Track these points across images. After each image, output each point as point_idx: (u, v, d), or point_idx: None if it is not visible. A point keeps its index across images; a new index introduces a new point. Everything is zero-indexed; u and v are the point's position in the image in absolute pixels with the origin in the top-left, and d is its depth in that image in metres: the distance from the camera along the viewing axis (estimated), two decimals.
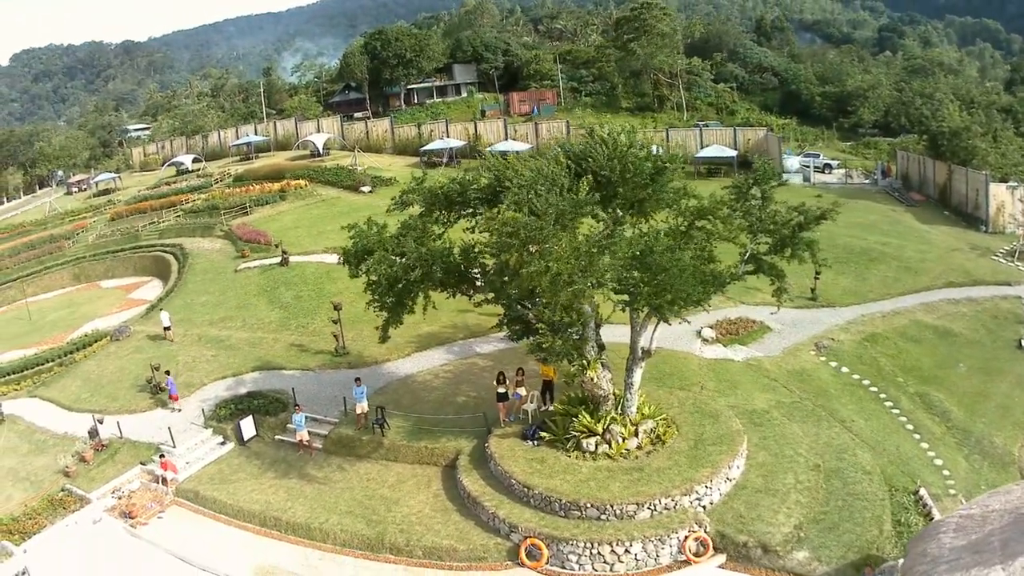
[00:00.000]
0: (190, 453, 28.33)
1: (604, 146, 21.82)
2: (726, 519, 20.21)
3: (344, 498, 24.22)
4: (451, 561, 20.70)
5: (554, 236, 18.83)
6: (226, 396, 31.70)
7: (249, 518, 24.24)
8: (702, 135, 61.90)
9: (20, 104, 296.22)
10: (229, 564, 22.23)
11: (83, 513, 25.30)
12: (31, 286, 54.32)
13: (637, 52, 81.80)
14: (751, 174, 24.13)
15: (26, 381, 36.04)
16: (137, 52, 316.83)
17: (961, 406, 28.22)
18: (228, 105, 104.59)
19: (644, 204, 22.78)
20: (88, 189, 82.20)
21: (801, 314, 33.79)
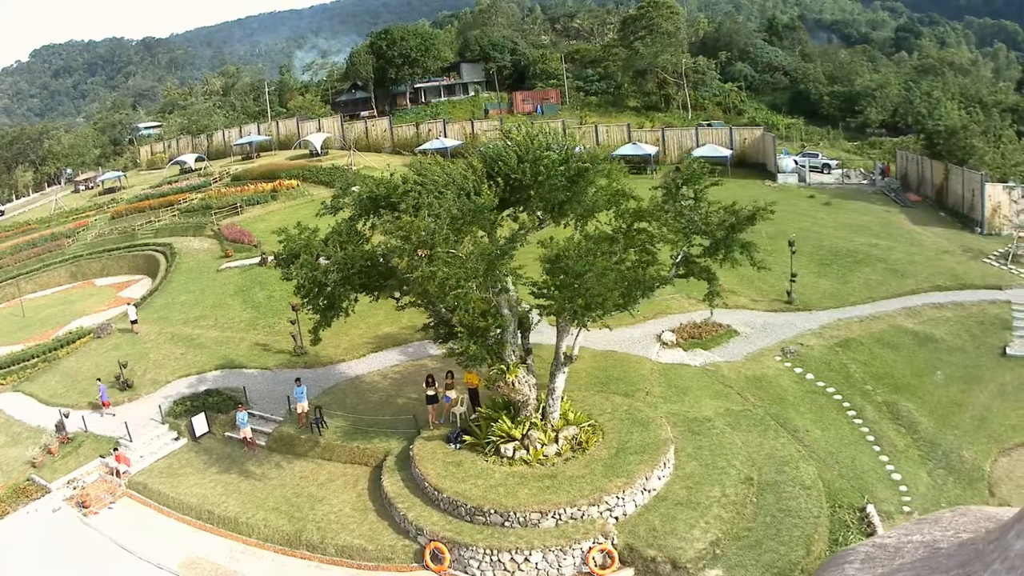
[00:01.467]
0: (145, 447, 29.78)
1: (518, 149, 22.36)
2: (638, 532, 20.27)
3: (275, 495, 25.48)
4: (360, 560, 21.80)
5: (444, 241, 19.51)
6: (186, 393, 33.24)
7: (187, 511, 25.64)
8: (698, 134, 61.95)
9: (40, 100, 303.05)
10: (162, 554, 23.64)
11: (43, 502, 26.99)
12: (30, 283, 56.51)
13: (641, 51, 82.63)
14: (679, 174, 24.58)
15: (12, 376, 37.80)
16: (158, 49, 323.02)
17: (932, 417, 27.56)
18: (239, 104, 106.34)
19: (564, 207, 23.32)
20: (95, 187, 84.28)
21: (774, 318, 33.82)
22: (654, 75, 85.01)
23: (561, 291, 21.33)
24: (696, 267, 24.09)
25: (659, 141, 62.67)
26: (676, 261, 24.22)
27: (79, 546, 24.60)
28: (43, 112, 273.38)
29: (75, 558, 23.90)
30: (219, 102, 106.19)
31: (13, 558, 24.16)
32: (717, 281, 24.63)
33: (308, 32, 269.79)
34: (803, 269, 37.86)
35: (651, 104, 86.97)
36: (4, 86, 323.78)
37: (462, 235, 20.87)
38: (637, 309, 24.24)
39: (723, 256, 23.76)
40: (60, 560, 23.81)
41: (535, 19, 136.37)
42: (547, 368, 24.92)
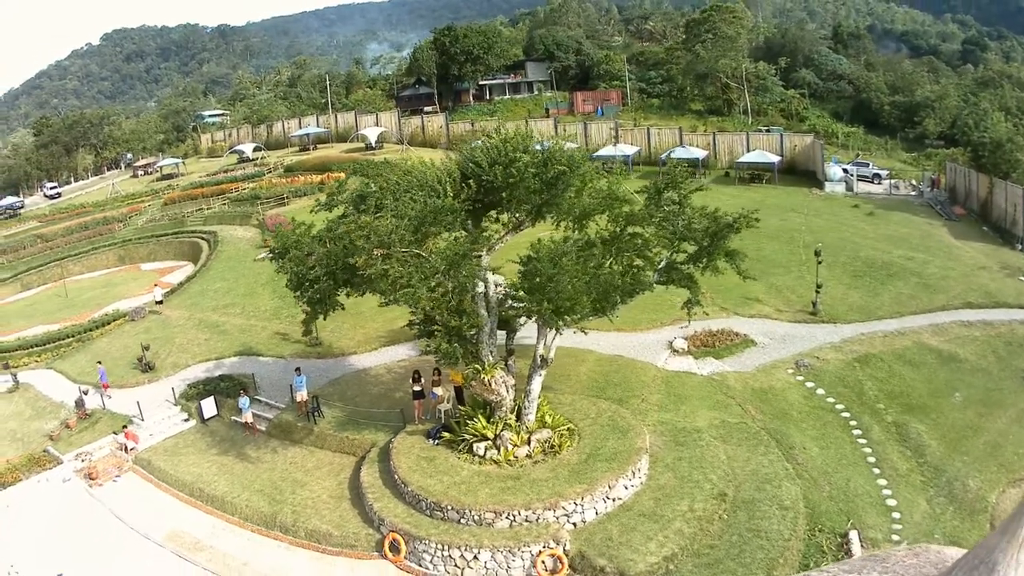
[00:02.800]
0: (155, 426, 32.10)
1: (491, 151, 23.21)
2: (594, 540, 20.67)
3: (262, 477, 27.26)
4: (326, 545, 23.29)
5: (400, 240, 20.69)
6: (202, 377, 35.55)
7: (182, 487, 27.71)
8: (749, 140, 61.92)
9: (111, 83, 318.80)
10: (151, 526, 25.73)
11: (55, 472, 29.55)
12: (78, 265, 60.63)
13: (702, 55, 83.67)
14: (662, 178, 25.02)
15: (47, 354, 41.07)
16: (233, 36, 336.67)
17: (943, 441, 26.91)
18: (305, 95, 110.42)
19: (543, 209, 24.20)
20: (153, 173, 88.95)
21: (795, 329, 33.85)
22: (715, 79, 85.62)
23: (530, 294, 22.12)
24: (679, 274, 24.50)
25: (710, 145, 62.66)
26: (659, 267, 24.67)
27: (81, 514, 26.93)
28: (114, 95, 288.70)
29: (75, 524, 26.22)
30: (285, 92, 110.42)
31: (21, 520, 26.74)
32: (698, 289, 25.04)
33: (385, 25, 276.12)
34: (835, 280, 37.80)
35: (714, 108, 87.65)
36: (74, 68, 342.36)
37: (426, 236, 21.91)
38: (616, 315, 24.78)
39: (705, 264, 24.20)
40: (61, 525, 26.18)
41: (610, 20, 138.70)
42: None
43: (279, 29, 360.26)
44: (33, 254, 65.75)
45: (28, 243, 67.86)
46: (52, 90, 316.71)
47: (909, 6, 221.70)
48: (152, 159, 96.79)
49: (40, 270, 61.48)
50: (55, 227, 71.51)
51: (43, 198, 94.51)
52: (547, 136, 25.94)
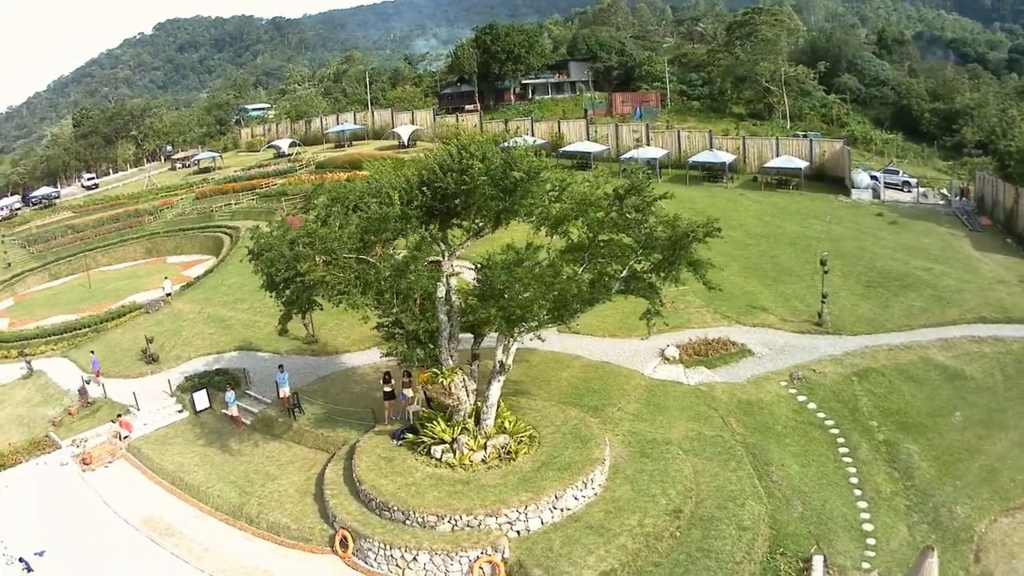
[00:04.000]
0: (150, 416, 34.45)
1: (446, 158, 24.61)
2: (535, 550, 21.52)
3: (238, 469, 29.27)
4: (284, 537, 25.07)
5: (342, 247, 22.36)
6: (200, 370, 37.79)
7: (164, 475, 29.90)
8: (778, 145, 62.38)
9: (163, 72, 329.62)
10: (131, 510, 27.91)
11: (53, 456, 32.16)
12: (106, 256, 64.08)
13: (741, 57, 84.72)
14: (627, 183, 25.98)
15: (63, 343, 43.94)
16: (288, 29, 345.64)
17: (936, 463, 26.61)
18: (349, 90, 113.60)
19: (503, 216, 25.38)
20: (191, 166, 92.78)
21: (797, 339, 34.14)
22: (755, 82, 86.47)
23: (483, 301, 23.51)
24: (640, 283, 25.45)
25: (739, 149, 63.28)
26: (622, 276, 25.69)
27: (71, 496, 29.32)
28: (166, 85, 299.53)
29: (65, 506, 28.61)
30: (330, 88, 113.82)
31: (17, 500, 29.27)
32: (658, 300, 25.96)
33: (442, 21, 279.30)
34: (847, 290, 38.26)
35: (755, 112, 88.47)
36: (126, 57, 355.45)
37: (373, 243, 23.45)
38: (577, 322, 25.92)
39: (666, 274, 25.13)
40: (52, 506, 28.61)
41: (662, 21, 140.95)
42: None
43: (336, 23, 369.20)
44: (63, 244, 69.77)
45: (59, 233, 71.96)
46: (103, 78, 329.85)
47: (959, 14, 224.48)
48: (191, 152, 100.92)
49: (69, 260, 65.34)
50: (87, 218, 75.68)
51: (80, 189, 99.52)
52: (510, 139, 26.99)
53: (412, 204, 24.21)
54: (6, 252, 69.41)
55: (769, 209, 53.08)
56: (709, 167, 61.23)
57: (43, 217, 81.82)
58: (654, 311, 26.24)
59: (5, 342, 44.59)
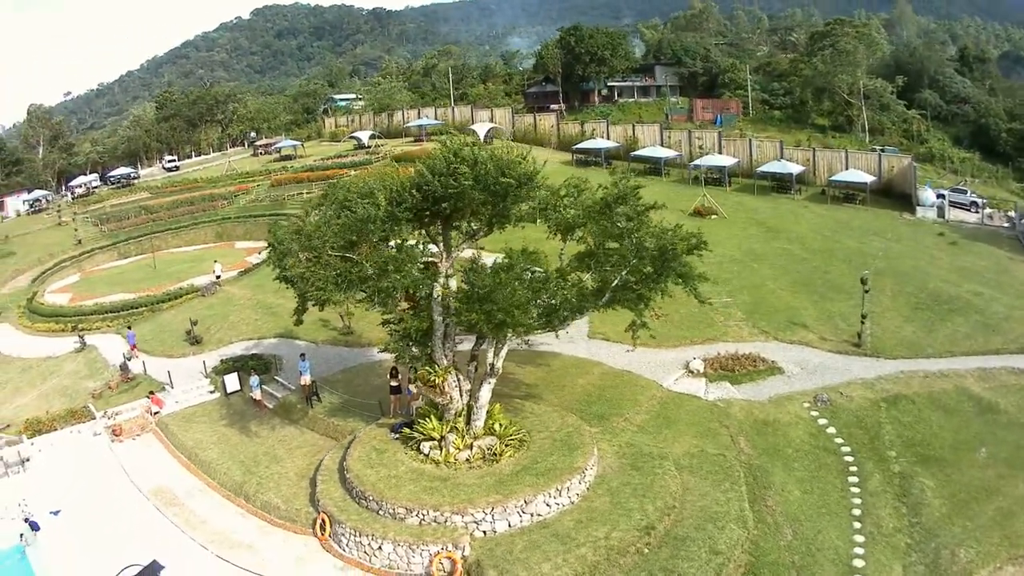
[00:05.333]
0: (182, 395, 37.82)
1: (436, 162, 25.94)
2: (495, 552, 22.73)
3: (249, 450, 32.08)
4: (273, 516, 27.52)
5: (324, 245, 24.64)
6: (238, 354, 41.02)
7: (183, 450, 33.05)
8: (847, 158, 62.20)
9: (260, 58, 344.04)
10: (145, 479, 31.07)
11: (87, 426, 35.79)
12: (177, 239, 69.05)
13: (820, 68, 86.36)
14: (613, 192, 27.12)
15: (119, 320, 48.11)
16: (389, 20, 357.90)
17: (949, 500, 26.27)
18: (438, 84, 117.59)
19: (493, 220, 27.12)
20: (272, 154, 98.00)
21: (832, 360, 34.37)
22: (834, 94, 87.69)
23: (467, 305, 25.28)
24: (628, 293, 26.57)
25: (809, 161, 63.51)
26: (614, 285, 26.87)
27: (96, 463, 32.83)
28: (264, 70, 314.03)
29: (88, 472, 32.07)
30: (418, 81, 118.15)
31: (46, 463, 33.02)
32: (644, 312, 26.99)
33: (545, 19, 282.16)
34: (894, 311, 38.21)
35: (837, 124, 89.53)
36: (222, 41, 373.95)
37: (357, 242, 25.47)
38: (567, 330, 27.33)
39: (653, 285, 26.27)
40: (77, 471, 32.12)
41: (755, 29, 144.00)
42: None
43: (438, 16, 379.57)
44: (135, 224, 75.49)
45: (133, 213, 77.85)
46: (198, 60, 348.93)
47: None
48: (273, 140, 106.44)
49: (139, 240, 70.79)
50: (162, 200, 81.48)
51: (161, 170, 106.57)
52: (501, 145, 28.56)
53: (402, 206, 25.91)
54: (77, 229, 75.39)
55: (830, 223, 53.09)
56: (779, 177, 61.56)
57: (119, 197, 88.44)
58: (640, 323, 27.19)
59: (63, 316, 49.30)
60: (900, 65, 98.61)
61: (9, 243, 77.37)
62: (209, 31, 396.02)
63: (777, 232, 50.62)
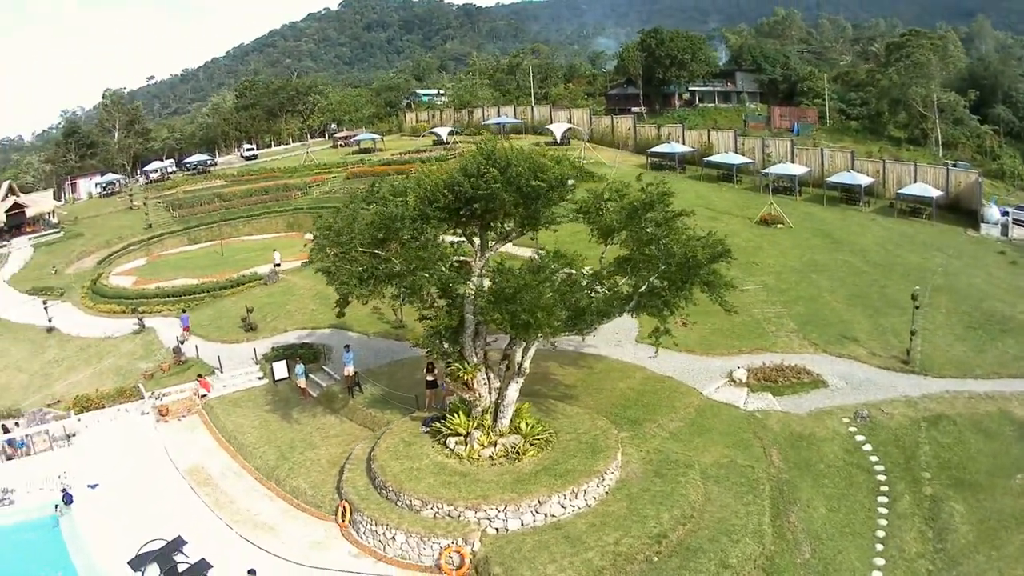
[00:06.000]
0: (231, 379, 39.46)
1: (469, 163, 26.99)
2: (505, 549, 23.39)
3: (287, 436, 33.42)
4: (299, 501, 28.69)
5: (352, 241, 25.72)
6: (291, 342, 42.55)
7: (223, 433, 34.69)
8: (916, 171, 61.27)
9: (349, 49, 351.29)
10: (182, 458, 32.85)
11: (135, 405, 37.73)
12: (248, 227, 71.61)
13: (894, 79, 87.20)
14: (641, 198, 27.45)
15: (180, 304, 50.39)
16: (479, 17, 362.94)
17: (978, 528, 25.82)
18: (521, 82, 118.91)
19: (526, 222, 27.86)
20: (352, 146, 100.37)
21: (878, 376, 34.00)
22: (908, 106, 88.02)
23: (493, 304, 25.67)
24: (654, 299, 26.77)
25: (879, 173, 62.93)
26: (641, 291, 27.14)
27: (139, 441, 34.75)
28: (352, 61, 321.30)
29: (130, 448, 34.03)
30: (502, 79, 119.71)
31: (91, 439, 35.12)
32: (668, 319, 27.20)
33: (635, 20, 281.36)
34: (946, 329, 37.57)
35: (912, 137, 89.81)
36: (310, 31, 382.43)
37: (385, 239, 26.40)
38: (593, 334, 27.64)
39: (677, 292, 26.50)
40: (120, 446, 34.12)
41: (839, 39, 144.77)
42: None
43: (528, 14, 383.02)
44: (207, 211, 78.53)
45: (206, 200, 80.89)
46: (285, 50, 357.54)
47: None
48: (353, 132, 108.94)
49: (210, 227, 73.71)
50: (237, 188, 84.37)
51: (239, 158, 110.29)
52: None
53: (433, 205, 26.72)
54: (147, 214, 78.65)
55: (894, 237, 52.57)
56: (848, 188, 61.36)
57: (194, 183, 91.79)
58: (663, 330, 27.39)
59: (125, 299, 51.84)
60: (975, 79, 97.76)
61: (78, 224, 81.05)
62: (297, 21, 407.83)
63: (840, 244, 50.40)
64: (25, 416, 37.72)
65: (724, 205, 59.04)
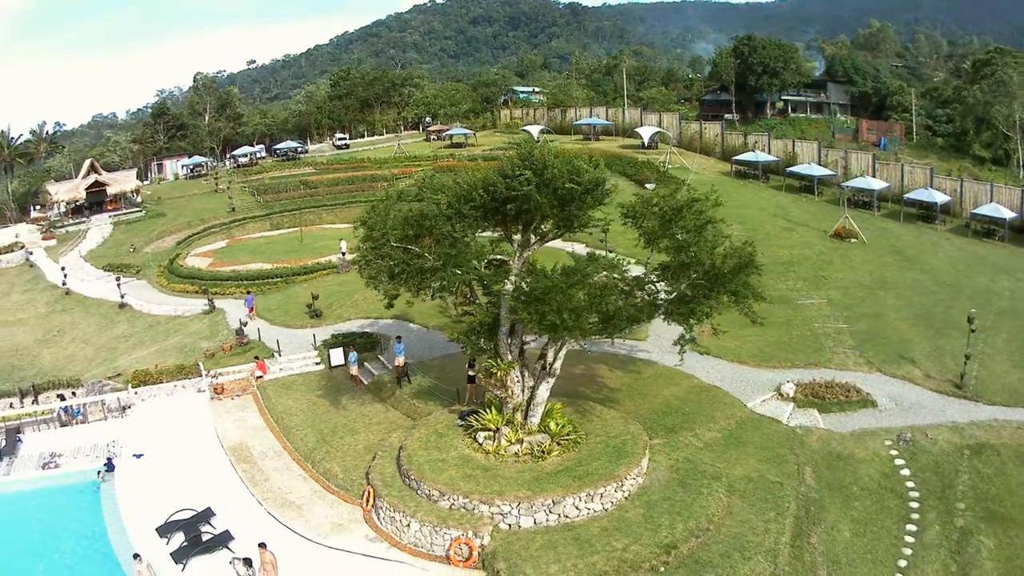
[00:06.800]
0: (288, 363, 41.26)
1: (506, 165, 27.66)
2: (513, 546, 24.00)
3: (331, 421, 34.84)
4: (330, 483, 29.94)
5: (384, 236, 27.11)
6: (353, 330, 44.13)
7: (272, 413, 36.44)
8: (992, 191, 59.35)
9: (454, 43, 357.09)
10: (228, 435, 34.66)
11: (193, 382, 40.00)
12: (331, 215, 73.86)
13: (978, 97, 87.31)
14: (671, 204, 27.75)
15: (253, 287, 52.64)
16: (585, 16, 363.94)
17: (1005, 565, 24.99)
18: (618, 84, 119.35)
19: (561, 224, 28.51)
20: (445, 140, 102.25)
21: (929, 399, 33.22)
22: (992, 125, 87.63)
23: (523, 305, 26.27)
24: (683, 308, 26.94)
25: (956, 192, 61.61)
26: (671, 298, 27.28)
27: (190, 416, 36.90)
28: (458, 55, 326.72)
29: (180, 422, 36.20)
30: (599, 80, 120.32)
31: (145, 411, 37.67)
32: (693, 328, 27.35)
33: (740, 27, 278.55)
34: (1005, 355, 36.38)
35: (996, 157, 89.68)
36: (415, 23, 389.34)
37: (418, 235, 27.53)
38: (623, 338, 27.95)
39: (705, 300, 26.53)
40: (170, 420, 36.41)
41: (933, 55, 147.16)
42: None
43: (633, 16, 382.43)
44: (292, 197, 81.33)
45: (291, 186, 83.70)
46: (389, 40, 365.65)
47: None
48: (446, 126, 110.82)
49: (293, 213, 76.39)
50: (324, 176, 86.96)
51: (331, 147, 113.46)
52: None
53: (469, 204, 27.61)
54: (231, 198, 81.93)
55: (967, 257, 51.46)
56: (925, 206, 60.39)
57: (282, 169, 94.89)
58: (689, 338, 27.45)
59: (199, 279, 54.54)
60: None
61: (161, 205, 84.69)
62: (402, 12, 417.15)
63: (912, 262, 49.69)
64: (84, 387, 40.26)
65: (801, 217, 58.47)
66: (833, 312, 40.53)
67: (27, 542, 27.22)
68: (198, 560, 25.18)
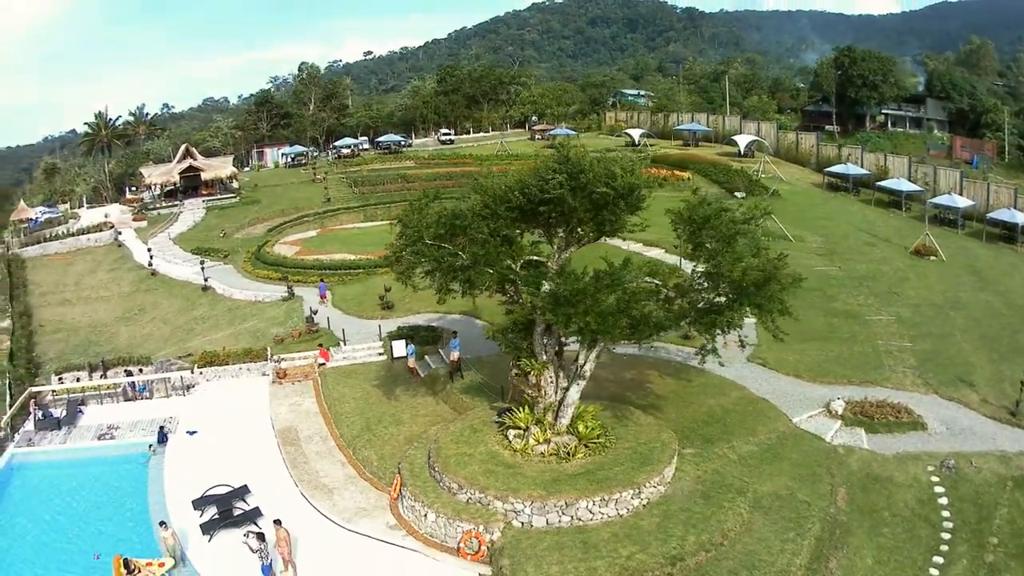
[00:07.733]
0: (351, 352, 42.90)
1: (541, 167, 28.23)
2: (521, 544, 24.43)
3: (380, 410, 36.16)
4: (365, 470, 31.13)
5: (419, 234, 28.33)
6: (419, 323, 45.34)
7: (327, 399, 38.06)
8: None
9: (573, 43, 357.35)
10: (281, 418, 36.48)
11: (258, 365, 42.05)
12: None
13: None
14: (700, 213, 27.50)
15: (335, 277, 54.75)
16: (702, 21, 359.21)
17: None
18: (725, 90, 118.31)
19: (599, 228, 28.92)
20: (548, 139, 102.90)
21: (982, 425, 31.86)
22: None
23: (553, 309, 26.57)
24: (706, 318, 26.77)
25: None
26: (700, 307, 27.13)
27: (248, 398, 39.02)
28: (576, 55, 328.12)
29: (238, 403, 38.39)
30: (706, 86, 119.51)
31: (209, 391, 40.02)
32: (714, 338, 27.12)
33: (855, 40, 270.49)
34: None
35: None
36: (534, 21, 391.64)
37: (452, 234, 28.47)
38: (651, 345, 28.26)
39: (730, 312, 26.40)
40: (229, 400, 38.64)
41: None
42: None
43: (750, 24, 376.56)
44: (388, 190, 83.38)
45: (389, 180, 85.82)
46: (508, 37, 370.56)
47: None
48: (550, 126, 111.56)
49: (388, 206, 77.82)
50: (424, 171, 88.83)
51: (436, 142, 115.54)
52: None
53: (504, 205, 28.25)
54: (327, 188, 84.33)
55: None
56: (1009, 226, 58.36)
57: (383, 162, 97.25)
58: (709, 348, 27.25)
59: (283, 267, 56.94)
60: None
61: (257, 192, 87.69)
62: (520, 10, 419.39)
63: (987, 283, 47.98)
64: (153, 364, 42.71)
65: (885, 232, 57.19)
66: (900, 330, 39.24)
67: (67, 506, 29.56)
68: (225, 533, 26.75)
